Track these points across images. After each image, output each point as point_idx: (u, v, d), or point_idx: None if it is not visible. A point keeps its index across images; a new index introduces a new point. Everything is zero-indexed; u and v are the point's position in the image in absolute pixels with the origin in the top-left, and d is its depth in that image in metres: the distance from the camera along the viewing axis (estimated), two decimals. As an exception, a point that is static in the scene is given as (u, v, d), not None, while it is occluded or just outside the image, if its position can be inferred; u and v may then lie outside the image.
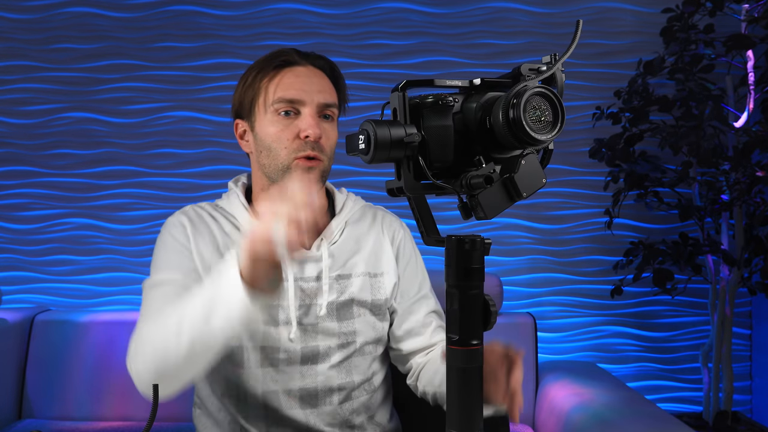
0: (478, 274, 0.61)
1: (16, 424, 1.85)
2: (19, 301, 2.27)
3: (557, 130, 0.58)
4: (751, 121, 1.98)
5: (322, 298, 1.07)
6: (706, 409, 2.06)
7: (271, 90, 1.05)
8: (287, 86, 1.04)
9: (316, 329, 1.06)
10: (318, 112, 1.05)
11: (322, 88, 1.07)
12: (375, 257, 1.13)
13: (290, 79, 1.05)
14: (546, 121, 0.58)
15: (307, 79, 1.06)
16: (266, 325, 1.05)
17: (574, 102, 2.25)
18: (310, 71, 1.08)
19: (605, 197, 2.20)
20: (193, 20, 2.27)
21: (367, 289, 1.10)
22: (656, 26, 2.09)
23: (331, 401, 1.07)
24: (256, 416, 1.06)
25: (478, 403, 0.61)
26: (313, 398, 1.06)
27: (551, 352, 2.26)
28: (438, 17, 2.25)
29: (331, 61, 1.13)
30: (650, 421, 1.42)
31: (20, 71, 2.28)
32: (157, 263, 1.08)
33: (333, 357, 1.07)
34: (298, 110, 1.04)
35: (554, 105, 0.58)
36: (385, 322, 1.14)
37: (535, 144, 0.58)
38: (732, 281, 2.01)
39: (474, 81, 0.64)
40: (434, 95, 0.62)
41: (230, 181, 1.17)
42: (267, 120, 1.05)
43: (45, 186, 2.29)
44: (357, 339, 1.09)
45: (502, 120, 0.57)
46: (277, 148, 1.04)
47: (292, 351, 1.05)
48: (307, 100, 1.04)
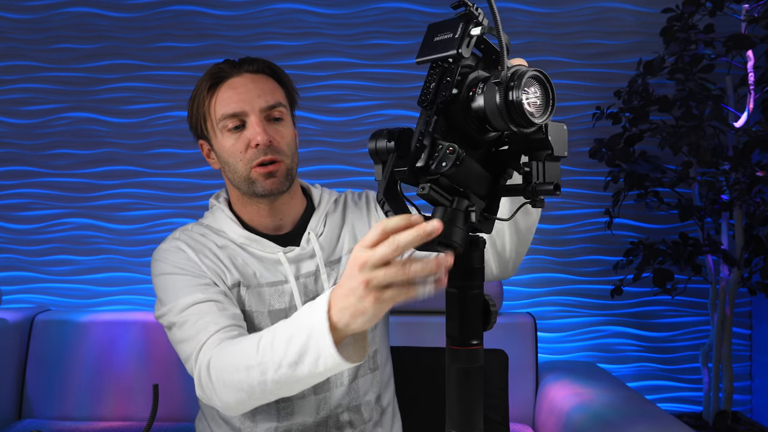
0: (478, 274, 0.61)
1: (16, 424, 1.85)
2: (19, 301, 2.27)
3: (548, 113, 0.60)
4: (751, 121, 1.98)
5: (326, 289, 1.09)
6: (706, 409, 2.06)
7: (213, 109, 1.07)
8: (226, 102, 1.06)
9: None
10: (263, 116, 1.07)
11: (261, 92, 1.07)
12: (354, 231, 1.18)
13: (227, 93, 1.07)
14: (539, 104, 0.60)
15: (244, 88, 1.07)
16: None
17: (574, 102, 2.25)
18: (246, 79, 1.09)
19: (605, 197, 2.20)
20: (193, 20, 2.27)
21: None
22: (656, 26, 2.09)
23: (342, 382, 1.11)
24: (264, 409, 1.09)
25: (479, 403, 0.61)
26: (325, 381, 1.09)
27: (551, 352, 2.26)
28: (438, 17, 2.25)
29: (267, 61, 1.14)
30: (650, 421, 1.42)
31: (20, 71, 2.28)
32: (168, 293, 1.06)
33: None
34: (243, 121, 1.06)
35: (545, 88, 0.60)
36: None
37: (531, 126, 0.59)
38: (732, 281, 2.01)
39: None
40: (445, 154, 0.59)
41: (212, 198, 1.20)
42: (220, 138, 1.08)
43: (45, 186, 2.29)
44: None
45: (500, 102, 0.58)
46: (234, 162, 1.07)
47: None
48: (248, 109, 1.06)
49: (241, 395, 0.89)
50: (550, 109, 0.60)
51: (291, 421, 1.09)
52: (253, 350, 0.87)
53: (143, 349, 1.89)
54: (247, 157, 1.06)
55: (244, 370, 0.87)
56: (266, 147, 1.05)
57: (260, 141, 1.04)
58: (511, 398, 1.71)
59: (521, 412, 1.84)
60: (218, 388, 0.92)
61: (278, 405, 1.09)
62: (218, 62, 1.12)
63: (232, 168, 1.08)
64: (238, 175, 1.08)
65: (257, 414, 1.09)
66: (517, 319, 1.92)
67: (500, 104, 0.58)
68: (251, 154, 1.06)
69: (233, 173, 1.08)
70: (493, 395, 1.64)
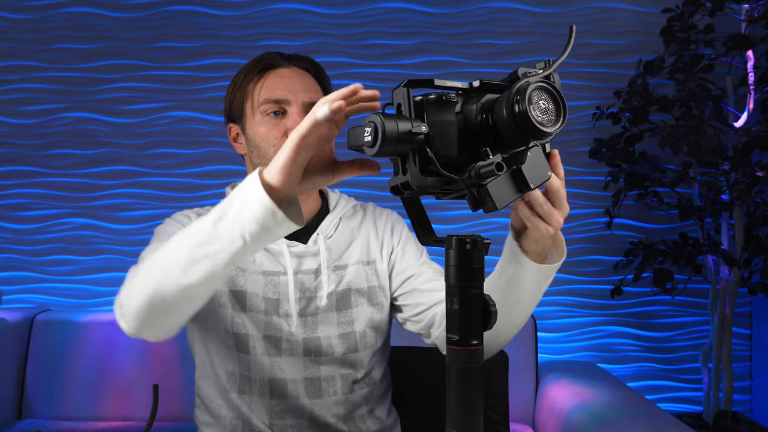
0: (478, 274, 0.61)
1: (16, 424, 1.85)
2: (19, 301, 2.27)
3: (561, 122, 0.61)
4: (751, 121, 1.98)
5: (322, 290, 1.10)
6: (706, 409, 2.06)
7: (257, 92, 1.09)
8: (272, 87, 1.08)
9: (317, 320, 1.09)
10: (304, 110, 1.08)
11: (307, 87, 1.10)
12: (368, 246, 1.17)
13: (275, 80, 1.09)
14: (549, 114, 0.61)
15: (291, 79, 1.09)
16: (268, 315, 1.07)
17: (574, 102, 2.25)
18: (294, 72, 1.11)
19: (605, 197, 2.20)
20: (193, 20, 2.27)
21: (363, 276, 1.14)
22: (656, 26, 2.09)
23: (335, 391, 1.10)
24: (260, 407, 1.08)
25: (479, 403, 0.61)
26: (317, 388, 1.09)
27: (551, 352, 2.26)
28: (438, 17, 2.25)
29: (314, 60, 1.16)
30: (650, 421, 1.42)
31: (20, 71, 2.28)
32: (159, 236, 1.07)
33: (335, 347, 1.10)
34: (285, 110, 1.08)
35: (555, 98, 0.61)
36: (382, 313, 1.15)
37: (542, 137, 0.60)
38: (732, 281, 2.01)
39: (473, 83, 0.66)
40: (436, 93, 0.63)
41: (228, 187, 1.20)
42: (256, 121, 1.09)
43: (45, 186, 2.29)
44: (356, 328, 1.11)
45: (506, 115, 0.59)
46: (266, 147, 1.08)
47: (294, 342, 1.08)
48: (293, 100, 1.08)
49: (148, 285, 0.81)
50: (562, 119, 0.61)
51: (284, 421, 1.08)
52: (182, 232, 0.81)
53: (143, 349, 1.89)
54: (281, 143, 1.06)
55: (165, 249, 0.81)
56: None
57: None
58: (511, 398, 1.71)
59: (521, 412, 1.84)
60: (131, 282, 0.85)
61: (271, 402, 1.08)
62: (268, 51, 1.14)
63: (263, 153, 1.08)
64: (267, 161, 1.07)
65: (253, 406, 1.08)
66: (517, 319, 1.92)
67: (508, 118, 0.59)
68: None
69: (262, 158, 1.08)
70: (493, 395, 1.64)
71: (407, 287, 1.14)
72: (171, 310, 0.82)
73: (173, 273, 0.78)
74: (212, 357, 1.11)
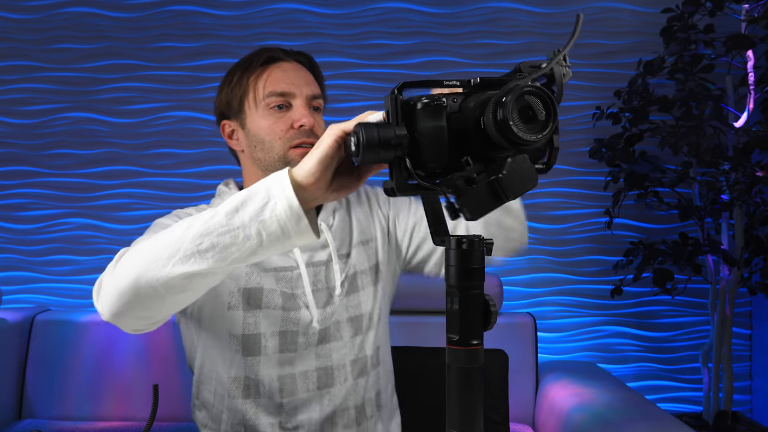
0: (478, 274, 0.61)
1: (16, 424, 1.85)
2: (19, 301, 2.27)
3: (548, 130, 0.57)
4: (751, 121, 1.98)
5: (336, 280, 1.11)
6: (706, 409, 2.06)
7: (261, 86, 1.09)
8: (277, 81, 1.08)
9: (334, 310, 1.11)
10: (308, 103, 1.09)
11: (309, 81, 1.11)
12: (365, 225, 1.18)
13: (278, 74, 1.09)
14: (539, 120, 0.57)
15: (295, 73, 1.10)
16: (286, 311, 1.08)
17: (574, 102, 2.25)
18: (295, 66, 1.12)
19: (605, 197, 2.20)
20: (193, 20, 2.27)
21: (363, 256, 1.15)
22: (656, 26, 2.09)
23: (346, 378, 1.11)
24: (268, 408, 1.07)
25: (479, 403, 0.61)
26: (330, 377, 1.09)
27: (551, 352, 2.26)
28: (438, 17, 2.25)
29: (309, 55, 1.17)
30: (650, 421, 1.42)
31: (20, 71, 2.28)
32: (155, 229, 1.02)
33: (344, 333, 1.11)
34: (289, 103, 1.08)
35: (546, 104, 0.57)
36: (380, 283, 1.17)
37: (525, 145, 0.57)
38: (732, 281, 2.01)
39: (473, 80, 0.65)
40: (428, 96, 0.62)
41: (220, 185, 1.20)
42: (259, 115, 1.09)
43: (45, 186, 2.29)
44: (362, 310, 1.13)
45: (491, 120, 0.57)
46: (271, 141, 1.07)
47: (311, 335, 1.09)
48: (297, 93, 1.08)
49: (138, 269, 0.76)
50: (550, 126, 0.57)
51: (296, 417, 1.08)
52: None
53: (143, 349, 1.89)
54: (287, 136, 1.07)
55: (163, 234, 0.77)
56: (309, 130, 1.07)
57: (306, 123, 1.06)
58: (511, 398, 1.71)
59: (521, 412, 1.84)
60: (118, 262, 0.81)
61: (282, 401, 1.08)
62: (265, 46, 1.15)
63: (267, 147, 1.08)
64: (273, 154, 1.08)
65: (259, 409, 1.08)
66: (517, 319, 1.92)
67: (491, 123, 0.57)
68: (292, 135, 1.07)
69: (266, 152, 1.08)
70: (493, 395, 1.64)
71: (416, 240, 1.17)
72: (155, 299, 0.79)
73: (169, 260, 0.74)
74: (214, 363, 1.10)
